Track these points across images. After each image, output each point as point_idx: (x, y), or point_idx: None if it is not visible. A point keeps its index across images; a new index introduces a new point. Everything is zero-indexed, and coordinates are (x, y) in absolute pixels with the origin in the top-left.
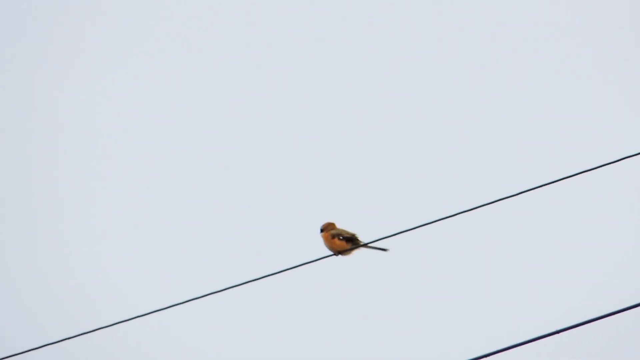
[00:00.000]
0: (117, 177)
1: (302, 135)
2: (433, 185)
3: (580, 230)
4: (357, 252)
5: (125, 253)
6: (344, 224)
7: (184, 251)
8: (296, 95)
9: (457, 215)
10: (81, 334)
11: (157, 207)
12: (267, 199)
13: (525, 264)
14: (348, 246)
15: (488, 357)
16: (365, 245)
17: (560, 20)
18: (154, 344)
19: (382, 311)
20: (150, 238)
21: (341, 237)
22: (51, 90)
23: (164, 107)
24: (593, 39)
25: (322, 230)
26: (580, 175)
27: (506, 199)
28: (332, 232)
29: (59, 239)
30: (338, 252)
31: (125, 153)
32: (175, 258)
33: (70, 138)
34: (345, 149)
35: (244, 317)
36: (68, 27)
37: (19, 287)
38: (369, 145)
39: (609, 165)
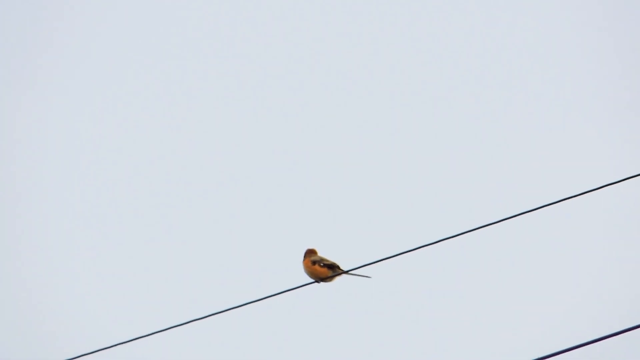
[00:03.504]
0: (92, 202)
1: (286, 162)
2: (417, 211)
3: (559, 260)
4: (339, 280)
5: (99, 280)
6: (326, 252)
7: (163, 278)
8: (280, 119)
9: (442, 242)
10: None
11: (134, 235)
12: (249, 225)
13: (508, 290)
14: (329, 273)
15: None
16: (347, 272)
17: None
18: None
19: (364, 339)
20: (126, 265)
21: (322, 264)
22: (33, 97)
23: (138, 130)
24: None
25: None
26: (558, 203)
27: (490, 225)
28: (312, 258)
29: (35, 264)
30: (320, 279)
31: (100, 178)
32: (155, 285)
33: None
34: (329, 175)
35: (224, 345)
36: (55, 28)
37: None
38: (354, 171)
39: (592, 191)
